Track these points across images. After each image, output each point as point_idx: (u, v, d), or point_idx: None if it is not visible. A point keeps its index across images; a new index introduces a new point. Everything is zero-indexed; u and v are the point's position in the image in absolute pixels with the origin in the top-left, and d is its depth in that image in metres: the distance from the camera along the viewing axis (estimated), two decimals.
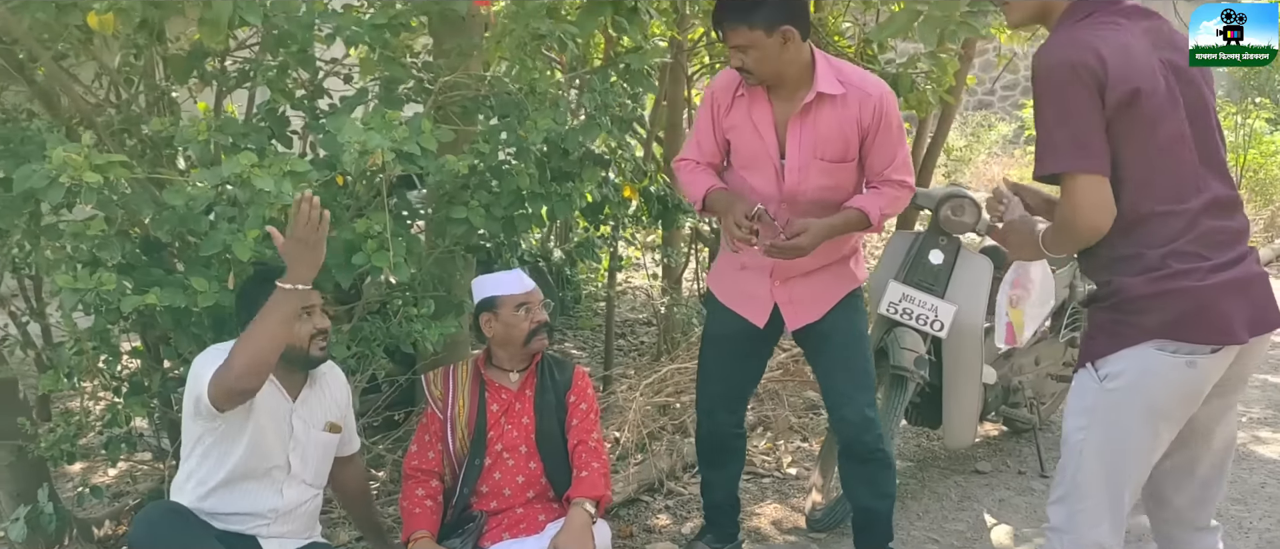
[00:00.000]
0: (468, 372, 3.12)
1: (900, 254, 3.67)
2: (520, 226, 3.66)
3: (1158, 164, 2.17)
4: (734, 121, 3.00)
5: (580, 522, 2.84)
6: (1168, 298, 2.15)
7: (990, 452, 4.28)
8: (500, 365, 3.11)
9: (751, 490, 3.95)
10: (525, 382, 3.11)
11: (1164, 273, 2.16)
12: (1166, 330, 2.15)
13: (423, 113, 3.41)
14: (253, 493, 2.89)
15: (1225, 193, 2.23)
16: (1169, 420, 2.24)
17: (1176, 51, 2.29)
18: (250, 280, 2.96)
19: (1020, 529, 3.59)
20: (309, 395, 2.99)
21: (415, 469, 3.09)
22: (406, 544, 2.99)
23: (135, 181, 2.90)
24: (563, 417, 3.09)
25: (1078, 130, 2.12)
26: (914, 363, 3.47)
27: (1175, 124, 2.19)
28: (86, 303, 2.90)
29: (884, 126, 2.96)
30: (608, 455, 3.21)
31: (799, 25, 2.81)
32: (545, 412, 3.07)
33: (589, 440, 3.07)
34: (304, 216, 2.60)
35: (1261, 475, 3.97)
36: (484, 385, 3.09)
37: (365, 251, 3.13)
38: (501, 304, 3.07)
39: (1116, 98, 2.12)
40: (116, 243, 2.91)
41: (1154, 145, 2.16)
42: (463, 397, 3.08)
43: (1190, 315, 2.14)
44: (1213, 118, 2.29)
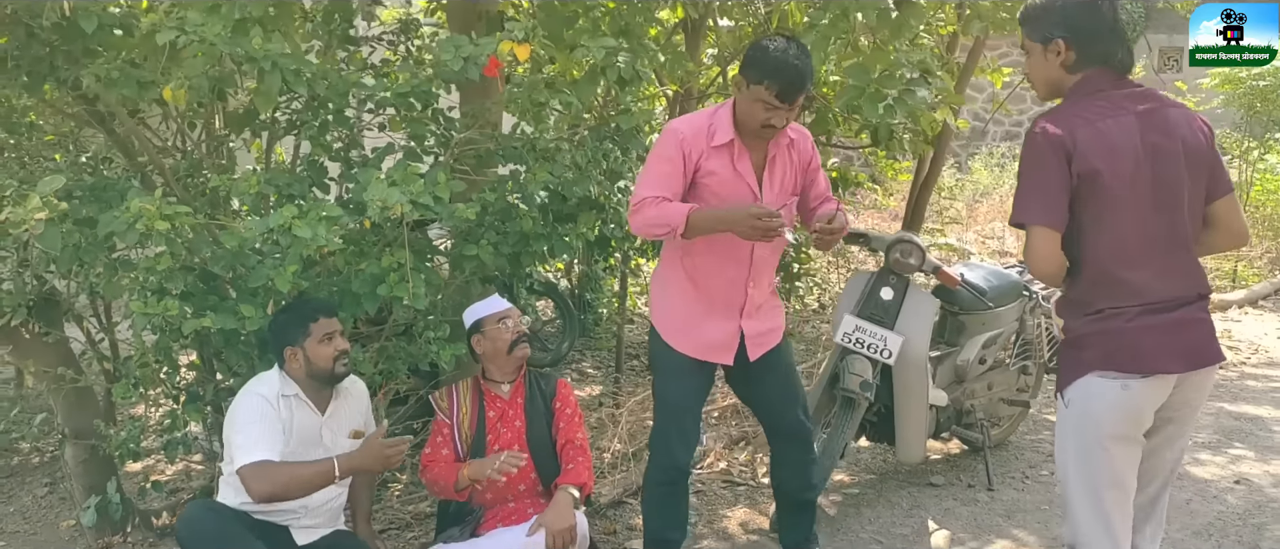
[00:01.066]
0: (468, 386, 3.66)
1: (856, 291, 4.15)
2: (525, 262, 4.21)
3: (1112, 232, 2.55)
4: (713, 168, 3.28)
5: (564, 501, 3.37)
6: (1102, 336, 2.58)
7: (947, 467, 4.74)
8: (493, 379, 3.65)
9: (726, 496, 4.45)
10: (516, 391, 3.64)
11: (1100, 316, 2.58)
12: (1102, 362, 2.57)
13: (441, 164, 3.98)
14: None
15: (1177, 263, 2.58)
16: (1118, 438, 2.59)
17: (1165, 136, 2.56)
18: (282, 311, 3.49)
19: (958, 534, 4.04)
20: (336, 408, 3.50)
21: (430, 460, 3.60)
22: (457, 486, 3.45)
23: (196, 226, 3.48)
24: (550, 420, 3.62)
25: (1043, 191, 2.56)
26: (860, 386, 3.95)
27: (1135, 202, 2.53)
28: (154, 325, 3.49)
29: (815, 162, 3.47)
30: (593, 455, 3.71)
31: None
32: (534, 416, 3.61)
33: (576, 439, 3.59)
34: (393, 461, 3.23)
35: (1189, 493, 4.39)
36: (482, 396, 3.63)
37: (388, 283, 3.69)
38: (486, 323, 3.61)
39: (1079, 171, 2.51)
40: (180, 275, 3.48)
41: (1110, 216, 2.54)
42: (465, 407, 3.62)
43: (1121, 350, 2.55)
44: (1184, 196, 2.58)
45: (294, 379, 3.40)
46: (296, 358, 3.38)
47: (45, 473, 5.29)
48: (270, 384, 3.37)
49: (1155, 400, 2.60)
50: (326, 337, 3.39)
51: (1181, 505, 4.28)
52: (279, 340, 3.41)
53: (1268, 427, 5.30)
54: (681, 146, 3.25)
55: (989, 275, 4.56)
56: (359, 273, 3.77)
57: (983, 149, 15.44)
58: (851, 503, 4.35)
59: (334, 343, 3.40)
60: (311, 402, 3.41)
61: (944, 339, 4.56)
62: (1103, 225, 2.57)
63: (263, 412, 3.27)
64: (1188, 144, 2.59)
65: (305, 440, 3.39)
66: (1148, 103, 2.61)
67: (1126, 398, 2.57)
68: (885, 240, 4.13)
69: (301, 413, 3.39)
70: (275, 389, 3.36)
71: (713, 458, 4.79)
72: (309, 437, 3.40)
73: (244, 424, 3.25)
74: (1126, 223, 2.56)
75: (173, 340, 3.73)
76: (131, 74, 3.38)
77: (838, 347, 4.07)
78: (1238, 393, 5.93)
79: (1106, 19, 2.62)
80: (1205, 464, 4.76)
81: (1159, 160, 2.56)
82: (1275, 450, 4.93)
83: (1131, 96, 2.61)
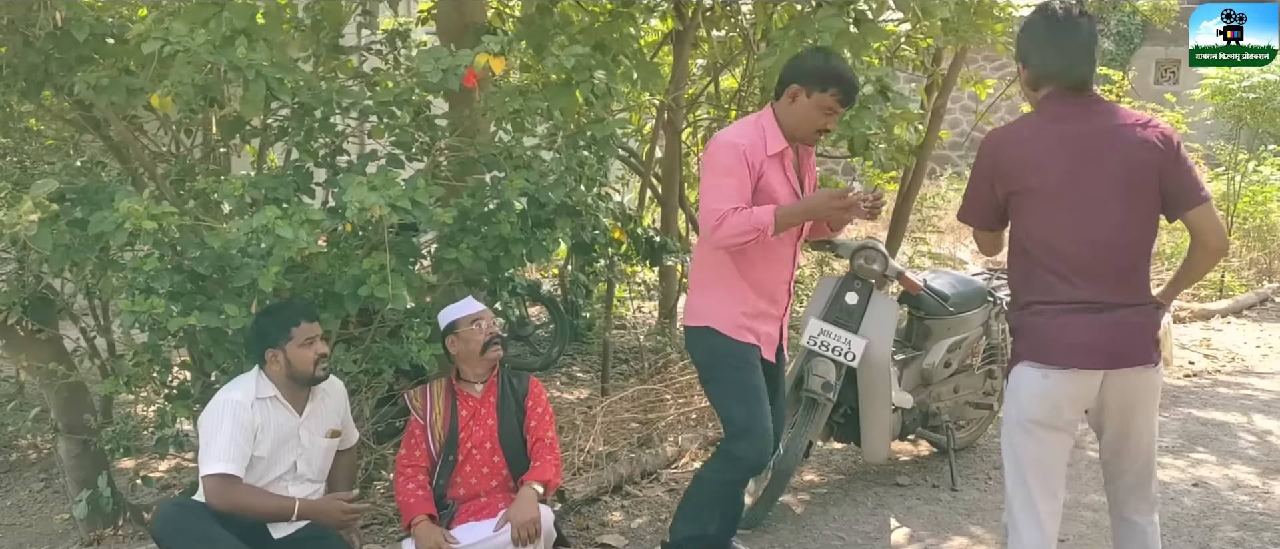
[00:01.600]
0: (441, 387, 3.80)
1: (823, 296, 4.28)
2: (505, 266, 4.35)
3: (1038, 236, 2.78)
4: (768, 174, 3.47)
5: (528, 496, 3.51)
6: (1030, 330, 2.82)
7: (914, 468, 4.87)
8: (466, 379, 3.78)
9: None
10: (488, 390, 3.77)
11: (1028, 311, 2.82)
12: (1028, 352, 2.81)
13: (422, 170, 4.13)
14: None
15: (1107, 269, 2.74)
16: (1038, 423, 2.80)
17: (1103, 150, 2.72)
18: (264, 313, 3.62)
19: (918, 532, 4.17)
20: (313, 409, 3.61)
21: (405, 465, 3.74)
22: (408, 529, 3.63)
23: (183, 226, 3.62)
24: (521, 418, 3.75)
25: (972, 198, 2.93)
26: (822, 387, 4.09)
27: (1061, 211, 2.73)
28: (141, 322, 3.64)
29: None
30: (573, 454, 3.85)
31: None
32: (506, 414, 3.74)
33: (546, 437, 3.73)
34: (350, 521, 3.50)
35: None
36: (455, 396, 3.77)
37: (369, 284, 3.83)
38: (459, 325, 3.75)
39: (1003, 187, 2.81)
40: (167, 275, 3.63)
41: (1036, 223, 2.78)
42: (438, 406, 3.76)
43: (1042, 343, 2.77)
44: (1116, 207, 2.72)
45: (273, 381, 3.52)
46: (277, 360, 3.49)
47: (41, 468, 5.45)
48: (246, 388, 3.48)
49: (1075, 392, 2.79)
50: (308, 341, 3.51)
51: None
52: (261, 342, 3.52)
53: (1232, 432, 5.42)
54: (745, 157, 3.42)
55: (954, 282, 4.70)
56: (342, 274, 3.92)
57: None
58: (818, 502, 4.49)
59: (314, 347, 3.52)
60: (289, 403, 3.53)
61: (910, 343, 4.70)
62: (1030, 230, 2.81)
63: (235, 417, 3.38)
64: (1130, 159, 2.72)
65: (282, 440, 3.51)
66: (1096, 119, 2.77)
67: (1046, 386, 2.78)
68: (850, 247, 4.27)
69: (279, 414, 3.50)
70: (251, 393, 3.47)
71: (689, 458, 4.92)
72: (286, 437, 3.52)
73: (214, 430, 3.38)
74: (1051, 229, 2.76)
75: (160, 338, 3.89)
76: (121, 81, 3.54)
77: (804, 349, 4.20)
78: (1208, 399, 6.05)
79: (1056, 46, 2.78)
80: (1166, 467, 4.88)
81: (1090, 173, 2.72)
82: (1236, 455, 5.05)
83: (1082, 112, 2.77)
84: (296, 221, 3.51)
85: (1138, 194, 2.74)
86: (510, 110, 3.93)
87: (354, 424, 3.91)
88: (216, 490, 3.32)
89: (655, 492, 4.58)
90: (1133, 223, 2.77)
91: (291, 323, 3.52)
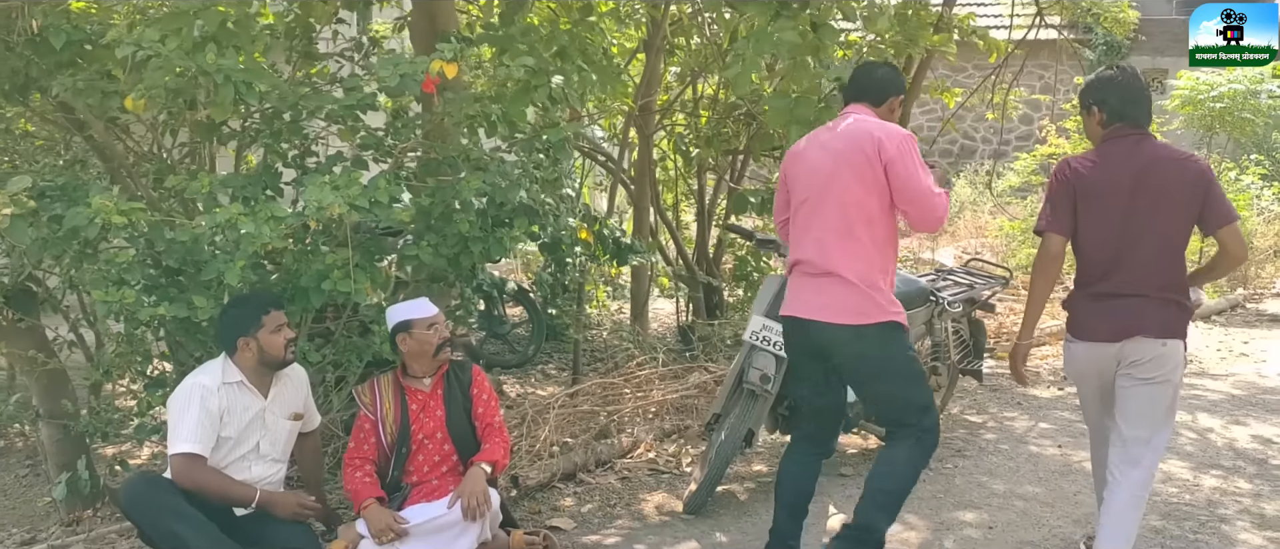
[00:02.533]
0: (389, 382, 3.99)
1: (767, 294, 4.48)
2: (464, 263, 4.56)
3: (1089, 240, 3.54)
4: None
5: (476, 474, 3.73)
6: (1071, 311, 3.67)
7: (861, 460, 5.08)
8: (414, 374, 3.98)
9: (649, 482, 4.79)
10: (436, 384, 3.98)
11: (1072, 298, 3.67)
12: (1069, 328, 3.68)
13: (386, 172, 4.35)
14: (227, 468, 3.72)
15: (1132, 269, 3.47)
16: (1082, 380, 3.75)
17: (1145, 179, 3.46)
18: (233, 304, 3.84)
19: (852, 518, 4.37)
20: (277, 392, 3.85)
21: (354, 456, 3.92)
22: (358, 513, 3.83)
23: (153, 222, 3.85)
24: (469, 407, 3.96)
25: (1058, 208, 3.58)
26: (759, 380, 4.30)
27: (1106, 220, 3.49)
28: (115, 312, 3.86)
29: None
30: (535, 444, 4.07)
31: None
32: (453, 405, 3.95)
33: (494, 422, 3.95)
34: (304, 515, 3.68)
35: (1079, 485, 4.73)
36: (403, 391, 3.98)
37: (332, 279, 4.06)
38: (415, 326, 3.93)
39: (1079, 194, 3.53)
40: (139, 268, 3.85)
41: (1091, 229, 3.53)
42: (387, 401, 3.96)
43: (1074, 321, 3.65)
44: (1151, 223, 3.44)
45: (241, 367, 3.76)
46: (249, 347, 3.74)
47: (28, 454, 5.67)
48: (213, 374, 3.72)
49: (1095, 359, 3.60)
50: (278, 327, 3.76)
51: (1069, 496, 4.61)
52: (233, 330, 3.75)
53: (1175, 429, 5.61)
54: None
55: (899, 282, 4.89)
56: (308, 270, 4.15)
57: (969, 166, 15.79)
58: (762, 490, 4.69)
59: (283, 333, 3.78)
60: (255, 387, 3.77)
61: None
62: (1080, 237, 3.58)
63: (202, 401, 3.62)
64: (1167, 186, 3.44)
65: (248, 422, 3.76)
66: (1145, 154, 3.50)
67: (1076, 353, 3.67)
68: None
69: (245, 397, 3.75)
70: (218, 378, 3.71)
71: (644, 448, 5.13)
72: (252, 418, 3.77)
73: (181, 412, 3.62)
74: (1095, 238, 3.54)
75: (134, 328, 4.12)
76: (97, 84, 3.77)
77: (746, 343, 4.41)
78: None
79: (1129, 97, 3.58)
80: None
81: (1136, 196, 3.46)
82: (1173, 451, 5.24)
83: (1135, 148, 3.52)
84: (261, 219, 3.74)
85: (1179, 212, 3.45)
86: (465, 115, 4.13)
87: (316, 410, 4.13)
88: (182, 469, 3.55)
89: (608, 480, 4.79)
90: (1170, 233, 3.47)
91: (262, 311, 3.77)
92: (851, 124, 3.61)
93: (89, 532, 4.41)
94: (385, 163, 4.47)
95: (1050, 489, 4.69)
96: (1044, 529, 4.28)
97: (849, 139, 3.55)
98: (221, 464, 3.72)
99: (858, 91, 3.72)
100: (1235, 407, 6.10)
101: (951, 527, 4.30)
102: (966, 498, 4.61)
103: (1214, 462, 5.10)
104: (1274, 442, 5.42)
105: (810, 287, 3.60)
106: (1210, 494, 4.66)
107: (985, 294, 5.36)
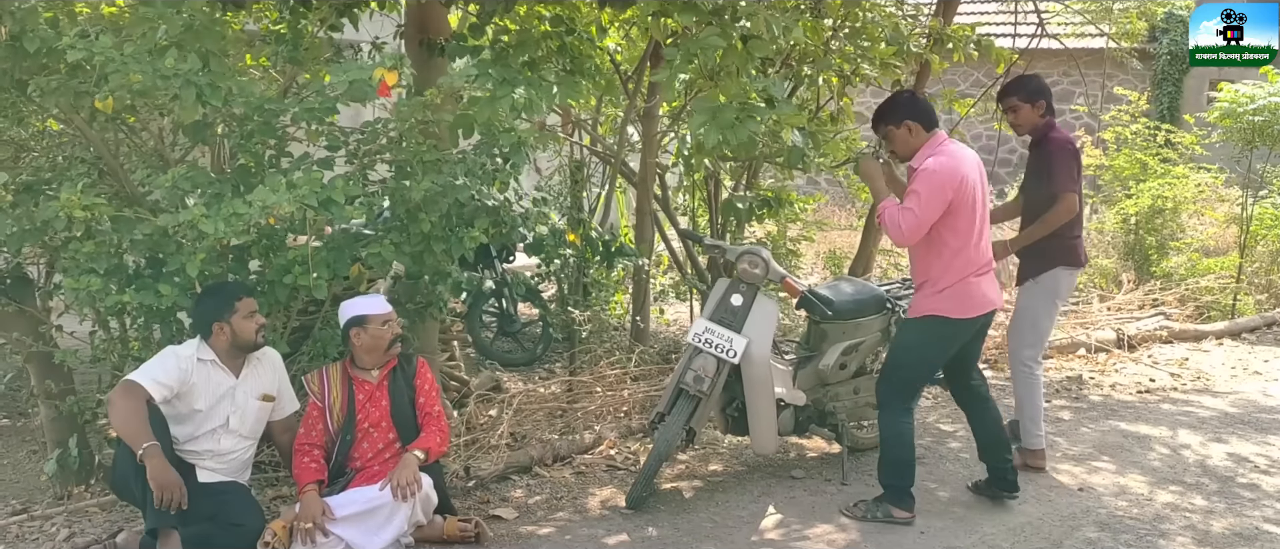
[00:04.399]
0: (337, 371, 4.22)
1: (714, 297, 4.62)
2: (428, 260, 4.75)
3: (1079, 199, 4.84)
4: None
5: (409, 460, 3.97)
6: (1069, 249, 5.06)
7: (818, 464, 5.14)
8: (362, 366, 4.21)
9: (602, 478, 4.93)
10: (383, 376, 4.20)
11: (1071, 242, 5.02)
12: (1066, 261, 5.05)
13: (351, 173, 4.57)
14: (197, 438, 4.06)
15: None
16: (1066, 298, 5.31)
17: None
18: (207, 293, 4.14)
19: (788, 519, 4.43)
20: (248, 373, 4.15)
21: (303, 442, 4.17)
22: (300, 496, 4.09)
23: (118, 216, 4.11)
24: (412, 396, 4.19)
25: (1071, 174, 4.94)
26: (693, 381, 4.41)
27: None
28: (81, 300, 4.14)
29: None
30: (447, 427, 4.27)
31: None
32: (397, 396, 4.17)
33: (433, 411, 4.18)
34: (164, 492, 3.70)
35: (1023, 495, 4.74)
36: (351, 381, 4.20)
37: (294, 274, 4.29)
38: (370, 322, 4.15)
39: (1078, 165, 5.05)
40: (105, 258, 4.12)
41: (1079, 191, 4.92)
42: (335, 390, 4.19)
43: (1074, 254, 5.04)
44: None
45: (215, 349, 4.08)
46: (223, 332, 4.06)
47: (41, 434, 6.02)
48: (190, 348, 4.07)
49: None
50: (250, 313, 4.08)
51: (1011, 506, 4.64)
52: (208, 316, 4.08)
53: (1149, 445, 5.58)
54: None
55: (847, 290, 4.98)
56: (273, 264, 4.40)
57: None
58: (708, 489, 4.81)
59: (254, 318, 4.09)
60: (227, 367, 4.09)
61: (808, 345, 5.00)
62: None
63: (176, 356, 3.99)
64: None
65: (218, 397, 4.09)
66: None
67: (1071, 278, 5.15)
68: (735, 251, 4.60)
69: (217, 375, 4.08)
70: (193, 353, 4.05)
71: (606, 445, 5.28)
72: (222, 395, 4.09)
73: (152, 360, 3.97)
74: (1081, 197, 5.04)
75: (111, 315, 4.41)
76: (68, 85, 4.05)
77: (689, 346, 4.53)
78: (1143, 414, 6.18)
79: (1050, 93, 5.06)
80: (1059, 472, 5.09)
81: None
82: (1138, 465, 5.22)
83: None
84: (224, 215, 3.98)
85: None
86: (413, 121, 4.34)
87: (294, 396, 4.37)
88: (119, 390, 3.85)
89: (562, 474, 4.94)
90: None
91: (234, 297, 4.08)
92: (959, 147, 4.35)
93: (71, 504, 4.69)
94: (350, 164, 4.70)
95: (995, 499, 4.72)
96: (975, 536, 4.32)
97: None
98: (193, 434, 4.06)
99: (930, 120, 4.36)
100: (1223, 424, 6.02)
101: (883, 529, 4.36)
102: None
103: (1176, 477, 5.07)
104: (1249, 460, 5.36)
105: (991, 283, 4.39)
106: (1160, 509, 4.65)
107: None
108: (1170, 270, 10.00)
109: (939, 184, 4.13)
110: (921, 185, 4.16)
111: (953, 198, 4.15)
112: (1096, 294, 9.44)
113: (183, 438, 4.06)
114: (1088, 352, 7.69)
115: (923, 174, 4.18)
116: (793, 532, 4.34)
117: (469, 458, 4.90)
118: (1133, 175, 10.37)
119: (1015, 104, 5.04)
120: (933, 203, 4.13)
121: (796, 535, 4.31)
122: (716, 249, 4.69)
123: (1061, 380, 6.90)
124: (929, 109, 4.39)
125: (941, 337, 4.33)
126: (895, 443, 4.41)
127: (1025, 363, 5.06)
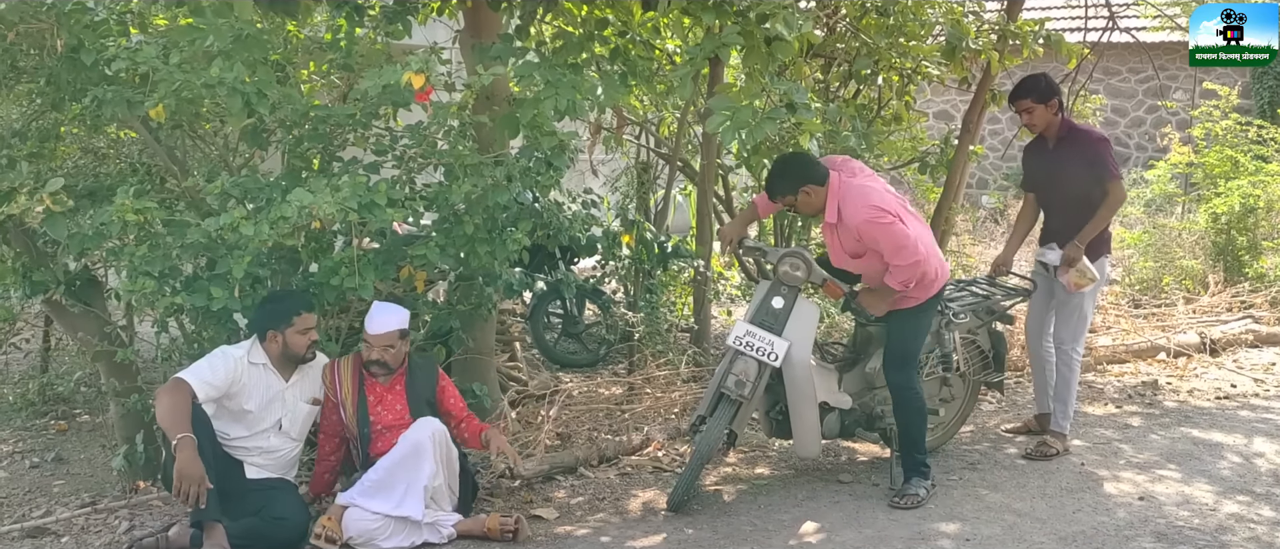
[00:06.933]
0: (348, 366, 4.35)
1: (755, 300, 4.56)
2: (472, 261, 4.81)
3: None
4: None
5: (494, 435, 4.35)
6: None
7: (868, 469, 5.06)
8: (374, 373, 4.32)
9: (647, 480, 4.92)
10: (395, 380, 4.33)
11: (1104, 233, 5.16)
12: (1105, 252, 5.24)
13: (397, 177, 4.65)
14: (247, 437, 4.23)
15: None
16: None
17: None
18: (271, 300, 4.30)
19: (831, 524, 4.34)
20: (298, 379, 4.31)
21: (320, 434, 4.42)
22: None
23: (171, 221, 4.25)
24: (431, 398, 4.34)
25: (1116, 166, 5.16)
26: (735, 385, 4.37)
27: None
28: (139, 302, 4.29)
29: None
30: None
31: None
32: (416, 400, 4.30)
33: (464, 415, 4.40)
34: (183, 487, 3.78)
35: (1080, 503, 4.56)
36: (363, 380, 4.32)
37: (340, 276, 4.39)
38: (375, 341, 4.29)
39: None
40: (159, 260, 4.26)
41: None
42: (346, 386, 4.31)
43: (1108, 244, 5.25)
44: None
45: (268, 354, 4.23)
46: (276, 341, 4.20)
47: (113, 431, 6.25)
48: (243, 349, 4.22)
49: None
50: (305, 329, 4.22)
51: (1067, 514, 4.50)
52: (266, 323, 4.23)
53: (1220, 453, 5.35)
54: None
55: None
56: (321, 267, 4.50)
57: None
58: (752, 492, 4.77)
59: (309, 335, 4.23)
60: (279, 372, 4.25)
61: (854, 348, 4.92)
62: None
63: (225, 357, 4.14)
64: None
65: (269, 399, 4.23)
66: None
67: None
68: (776, 253, 4.56)
69: (268, 378, 4.23)
70: (244, 354, 4.20)
71: (654, 447, 5.27)
72: (271, 397, 4.24)
73: (203, 359, 4.12)
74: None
75: (169, 316, 4.56)
76: (122, 95, 4.21)
77: (730, 349, 4.50)
78: (1217, 421, 5.92)
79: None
80: (1121, 480, 4.93)
81: None
82: (1206, 474, 5.01)
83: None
84: (268, 219, 4.09)
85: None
86: (451, 125, 4.41)
87: None
88: (167, 387, 4.00)
89: (607, 475, 4.95)
90: None
91: (294, 311, 4.22)
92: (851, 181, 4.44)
93: (136, 498, 4.86)
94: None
95: (1050, 505, 4.58)
96: (1025, 544, 4.20)
97: None
98: (246, 434, 4.22)
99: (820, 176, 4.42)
100: None
101: (928, 537, 4.27)
102: (956, 510, 4.55)
103: (1245, 487, 4.85)
104: None
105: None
106: (1224, 520, 4.46)
107: (1003, 306, 5.26)
108: (1263, 272, 9.59)
109: (884, 223, 4.31)
110: (880, 237, 4.33)
111: (896, 211, 4.37)
112: (1182, 296, 9.09)
113: (234, 436, 4.20)
114: (1167, 356, 7.42)
115: (866, 227, 4.33)
116: (833, 537, 4.27)
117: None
118: (1223, 173, 9.98)
119: (1029, 105, 5.11)
120: (896, 235, 4.31)
121: (836, 541, 4.24)
122: (756, 252, 4.65)
123: (1135, 386, 6.67)
124: (815, 165, 4.47)
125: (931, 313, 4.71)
126: (919, 414, 4.66)
127: (1072, 353, 5.21)
